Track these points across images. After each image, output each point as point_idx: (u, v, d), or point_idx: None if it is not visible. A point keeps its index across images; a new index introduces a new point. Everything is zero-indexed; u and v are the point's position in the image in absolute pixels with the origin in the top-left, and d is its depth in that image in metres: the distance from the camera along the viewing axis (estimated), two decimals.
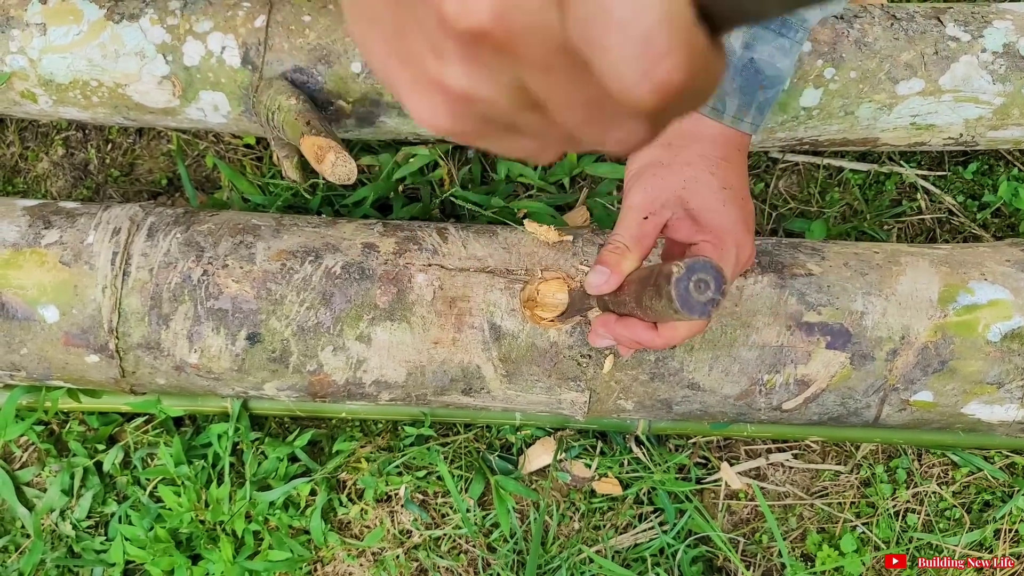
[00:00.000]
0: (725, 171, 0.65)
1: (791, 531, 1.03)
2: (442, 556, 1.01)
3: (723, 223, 0.62)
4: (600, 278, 0.62)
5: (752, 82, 0.65)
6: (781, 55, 0.64)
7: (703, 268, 0.55)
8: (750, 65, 0.64)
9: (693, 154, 0.65)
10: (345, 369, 0.84)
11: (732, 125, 0.66)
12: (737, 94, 0.65)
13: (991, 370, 0.85)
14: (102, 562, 0.99)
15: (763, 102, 0.66)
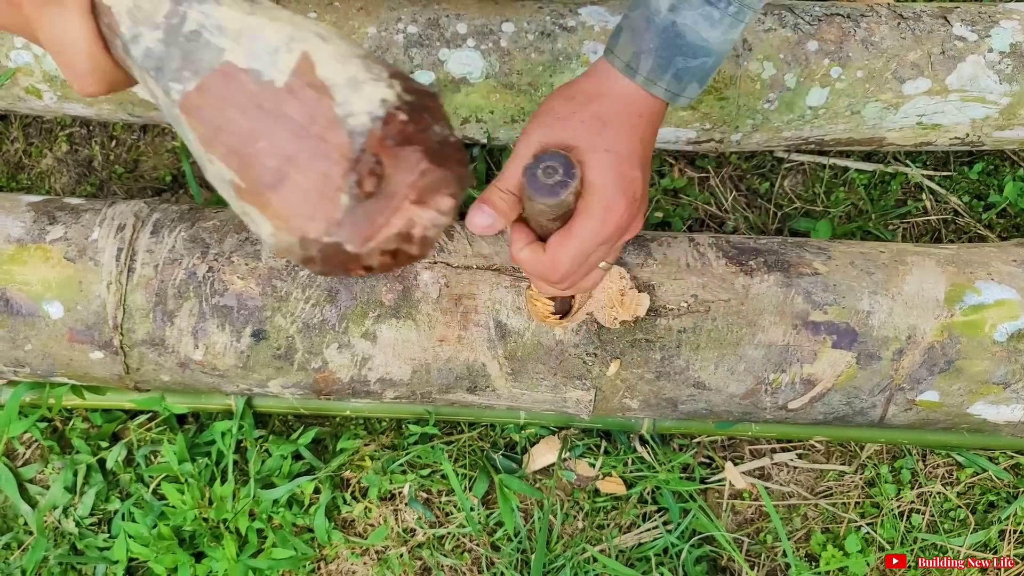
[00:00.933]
0: (614, 134, 0.63)
1: (795, 531, 1.03)
2: (446, 555, 1.01)
3: (602, 188, 0.62)
4: (486, 219, 0.64)
5: (671, 46, 0.63)
6: (707, 24, 0.62)
7: (552, 157, 0.60)
8: (671, 28, 0.62)
9: (588, 112, 0.64)
10: (350, 367, 0.84)
11: (644, 86, 0.64)
12: (653, 55, 0.63)
13: (997, 370, 0.85)
14: (105, 559, 0.99)
15: (682, 70, 0.63)
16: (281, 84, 0.41)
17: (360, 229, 0.42)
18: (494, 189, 0.64)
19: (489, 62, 0.91)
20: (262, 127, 0.42)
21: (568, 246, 0.63)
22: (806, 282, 0.85)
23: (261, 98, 0.42)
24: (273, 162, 0.41)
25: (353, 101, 0.40)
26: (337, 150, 0.40)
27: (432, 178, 0.42)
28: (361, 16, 0.91)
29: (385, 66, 0.42)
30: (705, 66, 0.64)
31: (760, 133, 0.98)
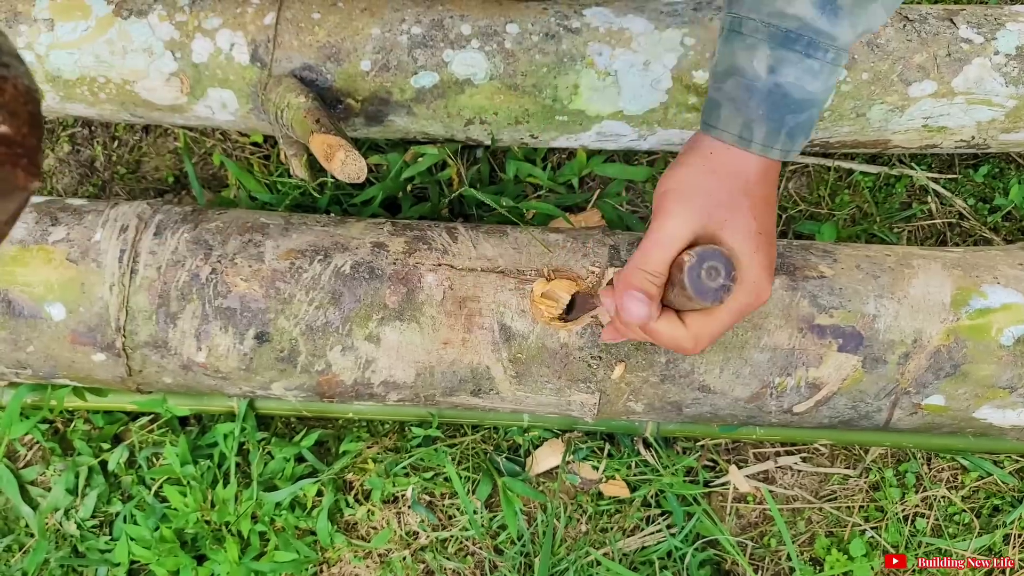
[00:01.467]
0: (763, 212, 0.63)
1: (799, 535, 1.02)
2: (449, 558, 1.00)
3: (751, 270, 0.63)
4: (642, 309, 0.63)
5: (779, 107, 0.62)
6: (810, 77, 0.61)
7: (713, 256, 0.60)
8: (776, 90, 0.61)
9: (738, 190, 0.63)
10: (354, 369, 0.84)
11: (762, 153, 0.63)
12: (764, 121, 0.62)
13: (1004, 374, 0.85)
14: (106, 562, 0.98)
15: (793, 128, 0.62)
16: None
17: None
18: (640, 273, 0.63)
19: (493, 63, 0.91)
20: None
21: (714, 327, 0.64)
22: (812, 285, 0.84)
23: None
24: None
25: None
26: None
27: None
28: (365, 17, 0.91)
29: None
30: (812, 117, 0.63)
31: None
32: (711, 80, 0.66)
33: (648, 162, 1.09)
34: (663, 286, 0.63)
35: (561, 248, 0.85)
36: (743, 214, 0.63)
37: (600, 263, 0.84)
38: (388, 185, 1.03)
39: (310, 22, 0.90)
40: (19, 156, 0.37)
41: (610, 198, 1.07)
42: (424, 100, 0.92)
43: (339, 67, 0.90)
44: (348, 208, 1.04)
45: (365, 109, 0.93)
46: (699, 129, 0.67)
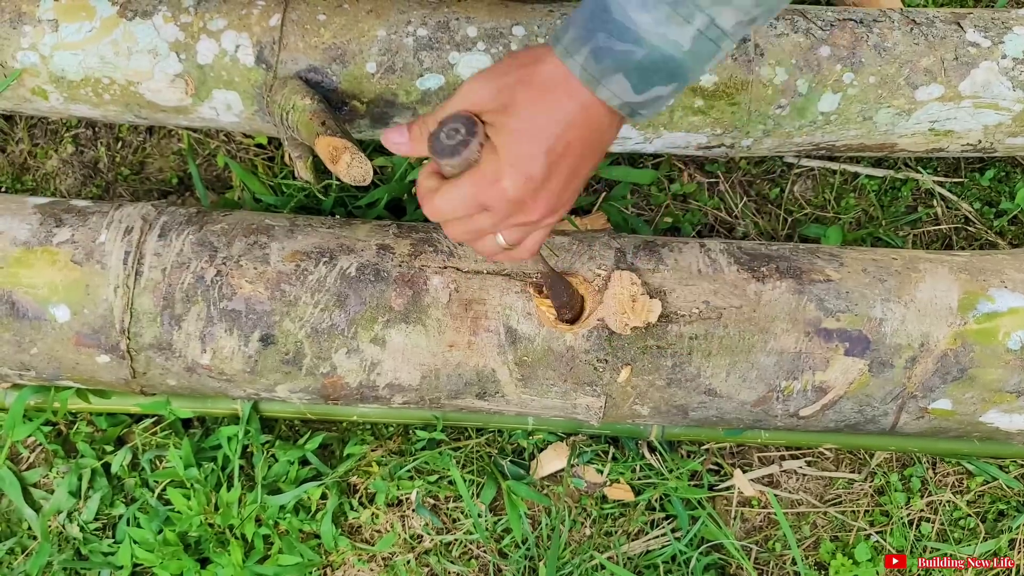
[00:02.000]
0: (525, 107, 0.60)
1: (804, 539, 1.02)
2: (453, 561, 1.00)
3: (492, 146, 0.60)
4: (398, 137, 0.66)
5: (596, 18, 0.57)
6: (637, 5, 0.55)
7: (454, 119, 0.61)
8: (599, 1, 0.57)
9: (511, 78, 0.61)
10: (359, 372, 0.83)
11: (561, 57, 0.59)
12: (579, 24, 0.58)
13: (1011, 378, 0.84)
14: (110, 565, 0.98)
15: (602, 48, 0.57)
16: None
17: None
18: (421, 119, 0.65)
19: None
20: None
21: (447, 190, 0.63)
22: (818, 289, 0.84)
23: None
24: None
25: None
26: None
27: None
28: (371, 19, 0.91)
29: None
30: (632, 56, 0.57)
31: (771, 138, 0.97)
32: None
33: (653, 165, 1.09)
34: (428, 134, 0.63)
35: (567, 251, 0.85)
36: (511, 104, 0.60)
37: (606, 266, 0.83)
38: (393, 187, 1.02)
39: (316, 24, 0.90)
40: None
41: (615, 201, 1.07)
42: (430, 102, 0.92)
43: (345, 69, 0.90)
44: (353, 210, 1.04)
45: (371, 111, 0.93)
46: None
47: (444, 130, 0.61)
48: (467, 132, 0.60)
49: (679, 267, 0.84)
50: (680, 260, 0.85)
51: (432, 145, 0.61)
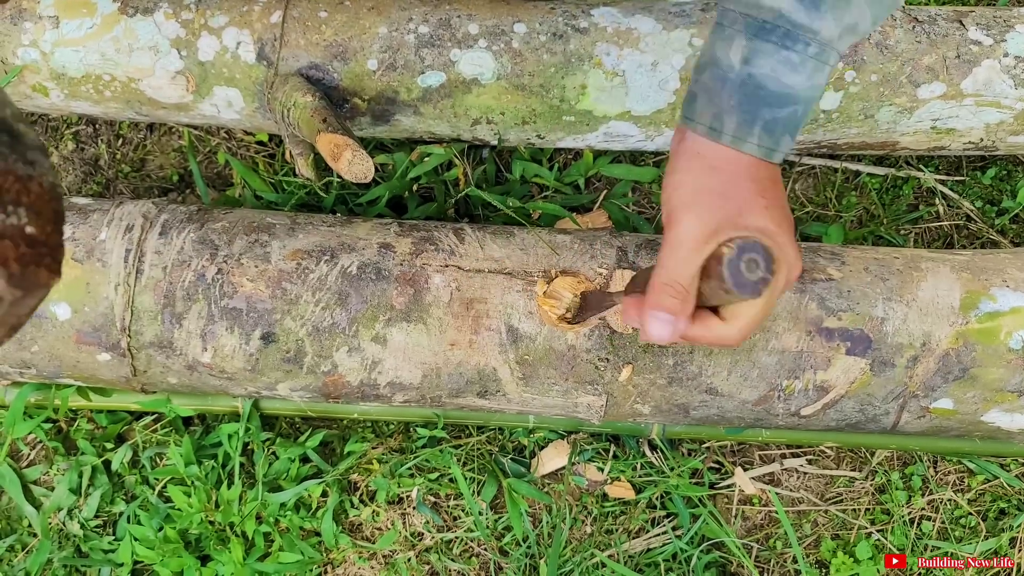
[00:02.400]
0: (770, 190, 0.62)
1: (805, 537, 1.02)
2: (454, 559, 1.00)
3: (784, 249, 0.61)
4: (665, 329, 0.61)
5: (753, 99, 0.60)
6: (788, 70, 0.58)
7: (752, 248, 0.58)
8: (749, 80, 0.59)
9: (741, 179, 0.61)
10: (360, 370, 0.83)
11: (733, 145, 0.61)
12: (736, 111, 0.60)
13: (1012, 378, 0.84)
14: (110, 562, 0.98)
15: (771, 121, 0.60)
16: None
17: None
18: (664, 289, 0.61)
19: (501, 63, 0.90)
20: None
21: (756, 319, 0.62)
22: (820, 288, 0.84)
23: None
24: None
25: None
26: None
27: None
28: (372, 16, 0.90)
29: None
30: (796, 115, 0.60)
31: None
32: (692, 73, 0.65)
33: (655, 163, 1.09)
34: (691, 298, 0.61)
35: (568, 249, 0.85)
36: (753, 197, 0.61)
37: (608, 264, 0.83)
38: (394, 185, 1.02)
39: (317, 21, 0.90)
40: (43, 255, 0.39)
41: (616, 199, 1.07)
42: (431, 100, 0.92)
43: (346, 66, 0.90)
44: (354, 207, 1.04)
45: (372, 108, 0.92)
46: (678, 123, 0.66)
47: (743, 261, 0.58)
48: (766, 267, 0.58)
49: None
50: None
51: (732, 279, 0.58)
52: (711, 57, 0.62)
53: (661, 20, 0.92)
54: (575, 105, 0.92)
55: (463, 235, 0.86)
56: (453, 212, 1.04)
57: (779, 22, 0.58)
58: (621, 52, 0.91)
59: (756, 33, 0.59)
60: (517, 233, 0.87)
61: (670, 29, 0.92)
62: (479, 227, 0.88)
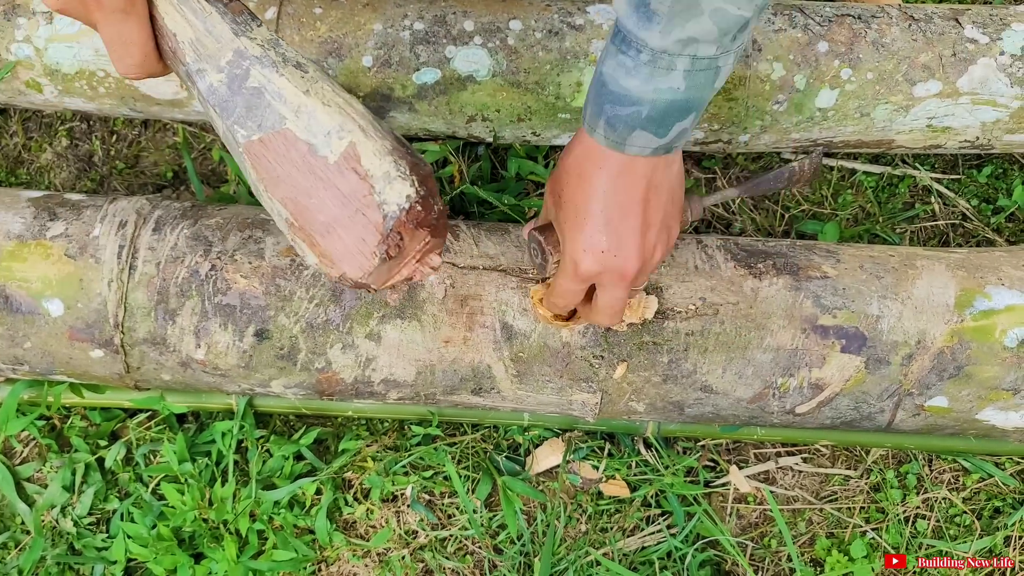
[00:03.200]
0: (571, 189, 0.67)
1: (800, 536, 1.02)
2: (448, 557, 1.00)
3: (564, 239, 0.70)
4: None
5: (600, 94, 0.63)
6: (623, 73, 0.60)
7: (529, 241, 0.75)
8: (598, 77, 0.63)
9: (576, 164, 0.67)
10: (354, 367, 0.83)
11: (589, 133, 0.65)
12: (591, 102, 0.64)
13: (1007, 376, 0.84)
14: (103, 560, 0.98)
15: (613, 117, 0.62)
16: (332, 161, 0.55)
17: (382, 276, 0.60)
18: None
19: (496, 60, 0.90)
20: (315, 189, 0.56)
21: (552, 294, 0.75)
22: (815, 285, 0.84)
23: (315, 167, 0.55)
24: (323, 217, 0.56)
25: (387, 193, 0.56)
26: (373, 225, 0.56)
27: (430, 245, 0.61)
28: (367, 12, 0.90)
29: (407, 160, 0.57)
30: (639, 115, 0.61)
31: (768, 134, 0.97)
32: None
33: None
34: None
35: None
36: (570, 188, 0.67)
37: None
38: None
39: (312, 17, 0.90)
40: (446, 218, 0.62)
41: None
42: (426, 97, 0.92)
43: (340, 63, 0.90)
44: None
45: (367, 105, 0.92)
46: None
47: (530, 247, 0.76)
48: (541, 256, 0.74)
49: (676, 263, 0.84)
50: (677, 256, 0.85)
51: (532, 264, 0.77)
52: None
53: None
54: (570, 102, 0.92)
55: (458, 232, 0.86)
56: (448, 209, 1.04)
57: (619, 26, 0.60)
58: None
59: (611, 35, 0.62)
60: (512, 230, 0.87)
61: None
62: (474, 224, 0.88)
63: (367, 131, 0.57)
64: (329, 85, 0.57)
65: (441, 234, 0.61)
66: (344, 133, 0.55)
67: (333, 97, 0.57)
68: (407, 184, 0.56)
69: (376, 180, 0.55)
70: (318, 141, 0.55)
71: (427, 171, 0.59)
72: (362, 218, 0.56)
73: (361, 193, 0.55)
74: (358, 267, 0.57)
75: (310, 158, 0.55)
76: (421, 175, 0.57)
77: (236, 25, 0.56)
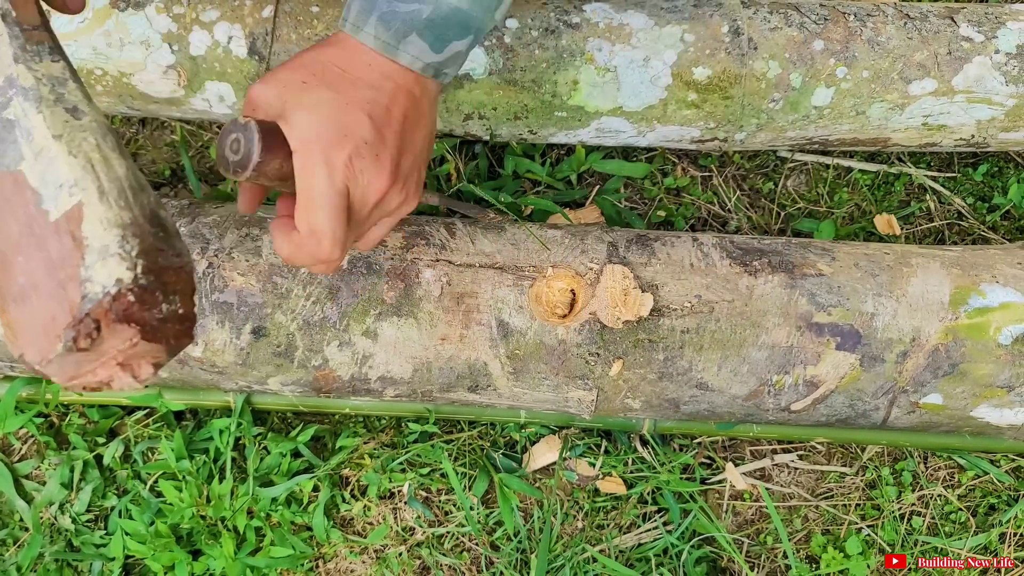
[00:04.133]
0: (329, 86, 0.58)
1: (796, 532, 1.02)
2: (445, 554, 1.00)
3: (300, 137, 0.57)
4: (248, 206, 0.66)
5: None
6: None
7: (235, 127, 0.56)
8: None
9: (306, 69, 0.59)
10: (351, 364, 0.83)
11: (352, 33, 0.58)
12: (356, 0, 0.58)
13: (1001, 373, 0.85)
14: (101, 556, 0.98)
15: (388, 13, 0.57)
16: (52, 219, 0.46)
17: (66, 371, 0.48)
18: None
19: (492, 58, 0.90)
20: (25, 245, 0.47)
21: (313, 209, 0.57)
22: (810, 283, 0.84)
23: (34, 221, 0.47)
24: (23, 280, 0.47)
25: (95, 269, 0.45)
26: (68, 303, 0.45)
27: (140, 349, 0.48)
28: None
29: (141, 243, 0.47)
30: (420, 15, 0.57)
31: (764, 133, 0.97)
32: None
33: (647, 159, 1.09)
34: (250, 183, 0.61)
35: (559, 244, 0.85)
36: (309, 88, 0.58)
37: (598, 259, 0.83)
38: None
39: (309, 15, 0.90)
40: (189, 328, 0.49)
41: (609, 194, 1.07)
42: None
43: None
44: None
45: None
46: None
47: (228, 142, 0.57)
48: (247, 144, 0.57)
49: (671, 261, 0.85)
50: (672, 254, 0.85)
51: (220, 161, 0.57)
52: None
53: (653, 15, 0.92)
54: (567, 100, 0.93)
55: (454, 230, 0.86)
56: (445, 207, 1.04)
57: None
58: (613, 48, 0.91)
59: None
60: (508, 228, 0.87)
61: (662, 24, 0.92)
62: (470, 222, 0.88)
63: (107, 195, 0.47)
64: (97, 139, 0.49)
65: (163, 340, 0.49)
66: (76, 190, 0.46)
67: (90, 151, 0.48)
68: (124, 266, 0.46)
69: (91, 251, 0.46)
70: (47, 192, 0.47)
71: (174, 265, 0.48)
72: (61, 292, 0.46)
73: (71, 263, 0.46)
74: (38, 350, 0.46)
75: (32, 209, 0.47)
76: (156, 265, 0.47)
77: (23, 52, 0.49)
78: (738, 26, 0.92)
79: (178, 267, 0.48)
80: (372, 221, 0.62)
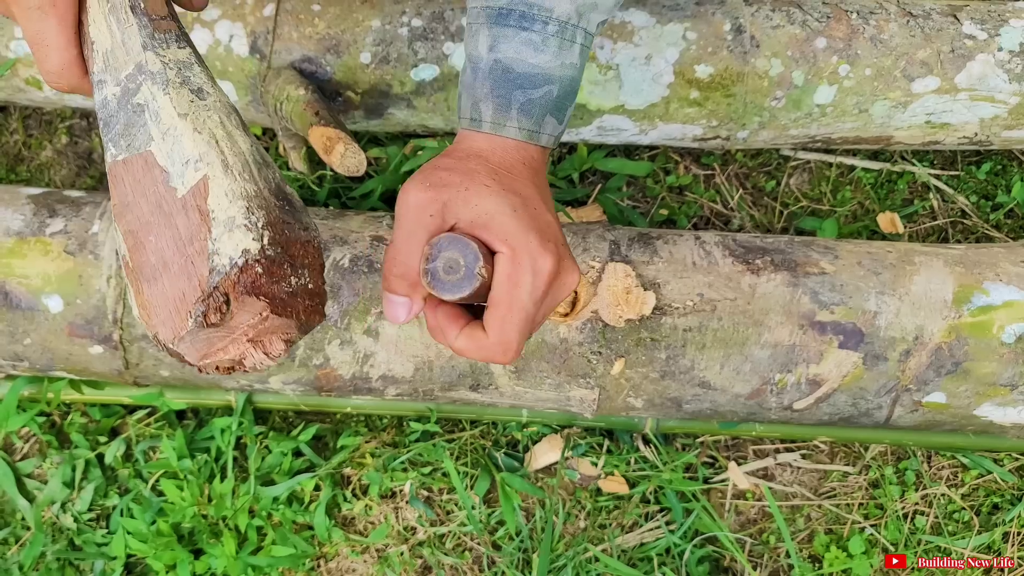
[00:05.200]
0: (509, 180, 0.58)
1: (798, 532, 1.02)
2: (447, 553, 1.00)
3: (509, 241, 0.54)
4: (403, 312, 0.57)
5: (503, 83, 0.59)
6: (531, 51, 0.58)
7: (448, 245, 0.53)
8: (496, 66, 0.59)
9: (474, 162, 0.58)
10: (352, 363, 0.83)
11: (494, 132, 0.59)
12: (491, 98, 0.59)
13: (1005, 372, 0.84)
14: (103, 555, 0.98)
15: (526, 104, 0.59)
16: (180, 195, 0.47)
17: (198, 349, 0.47)
18: (391, 267, 0.56)
19: None
20: (156, 224, 0.47)
21: (512, 321, 0.54)
22: (813, 282, 0.84)
23: (164, 199, 0.47)
24: (155, 259, 0.47)
25: (223, 241, 0.46)
26: (197, 278, 0.46)
27: (270, 324, 0.48)
28: (365, 9, 0.90)
29: (267, 215, 0.47)
30: (551, 95, 0.59)
31: (767, 131, 0.97)
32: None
33: (649, 157, 1.09)
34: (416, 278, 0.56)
35: None
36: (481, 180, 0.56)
37: (601, 258, 0.83)
38: (387, 178, 1.02)
39: (310, 14, 0.90)
40: (319, 304, 0.49)
41: (611, 193, 1.06)
42: (424, 93, 0.92)
43: (339, 59, 0.90)
44: (347, 201, 1.04)
45: (365, 102, 0.92)
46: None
47: (440, 265, 0.53)
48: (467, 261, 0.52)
49: (673, 259, 0.84)
50: (675, 252, 0.85)
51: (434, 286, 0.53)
52: (467, 56, 0.62)
53: (655, 13, 0.92)
54: None
55: None
56: None
57: (514, 5, 0.58)
58: (615, 46, 0.91)
59: (496, 20, 0.59)
60: None
61: (664, 22, 0.91)
62: None
63: (232, 169, 0.48)
64: (221, 117, 0.50)
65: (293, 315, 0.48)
66: (202, 165, 0.47)
67: (214, 127, 0.49)
68: (250, 236, 0.46)
69: (217, 223, 0.46)
70: (175, 170, 0.48)
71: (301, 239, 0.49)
72: (190, 268, 0.46)
73: (198, 237, 0.46)
74: (170, 328, 0.46)
75: (161, 188, 0.48)
76: (283, 237, 0.47)
77: (151, 40, 0.50)
78: (740, 24, 0.92)
79: (305, 241, 0.49)
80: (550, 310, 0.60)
